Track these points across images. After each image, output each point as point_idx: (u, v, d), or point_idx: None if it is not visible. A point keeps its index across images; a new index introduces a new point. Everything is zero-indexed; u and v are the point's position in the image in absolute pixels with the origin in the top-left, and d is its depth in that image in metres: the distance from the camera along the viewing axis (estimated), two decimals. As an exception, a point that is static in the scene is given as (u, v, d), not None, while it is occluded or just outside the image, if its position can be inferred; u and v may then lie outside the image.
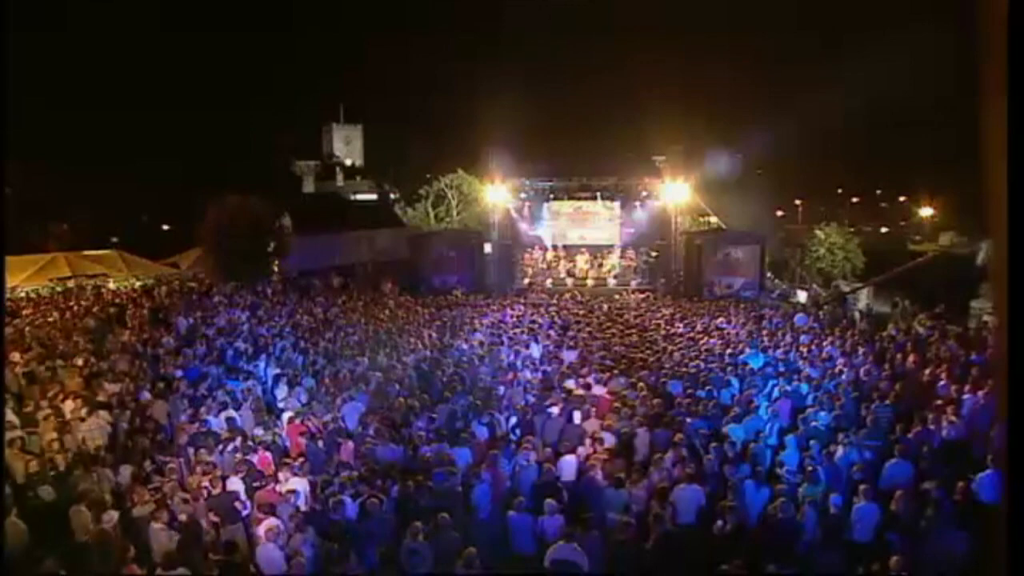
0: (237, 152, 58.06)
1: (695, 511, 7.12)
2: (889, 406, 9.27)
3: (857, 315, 17.90)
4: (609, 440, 8.67)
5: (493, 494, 7.47)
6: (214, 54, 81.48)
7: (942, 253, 31.28)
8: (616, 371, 11.76)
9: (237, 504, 7.17)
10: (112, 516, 6.74)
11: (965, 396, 9.18)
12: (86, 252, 26.00)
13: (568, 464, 8.17)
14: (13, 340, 13.35)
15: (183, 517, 6.82)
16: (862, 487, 6.92)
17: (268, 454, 8.46)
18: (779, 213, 56.73)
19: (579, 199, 27.22)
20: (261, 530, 6.52)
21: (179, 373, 11.59)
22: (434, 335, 15.21)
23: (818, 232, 30.59)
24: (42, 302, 19.30)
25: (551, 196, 27.04)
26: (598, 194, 26.66)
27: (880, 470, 7.57)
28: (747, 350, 13.30)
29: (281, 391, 11.21)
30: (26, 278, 22.34)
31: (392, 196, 44.69)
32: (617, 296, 22.68)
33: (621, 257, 26.53)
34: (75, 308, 17.79)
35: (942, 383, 10.05)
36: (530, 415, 9.74)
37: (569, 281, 25.15)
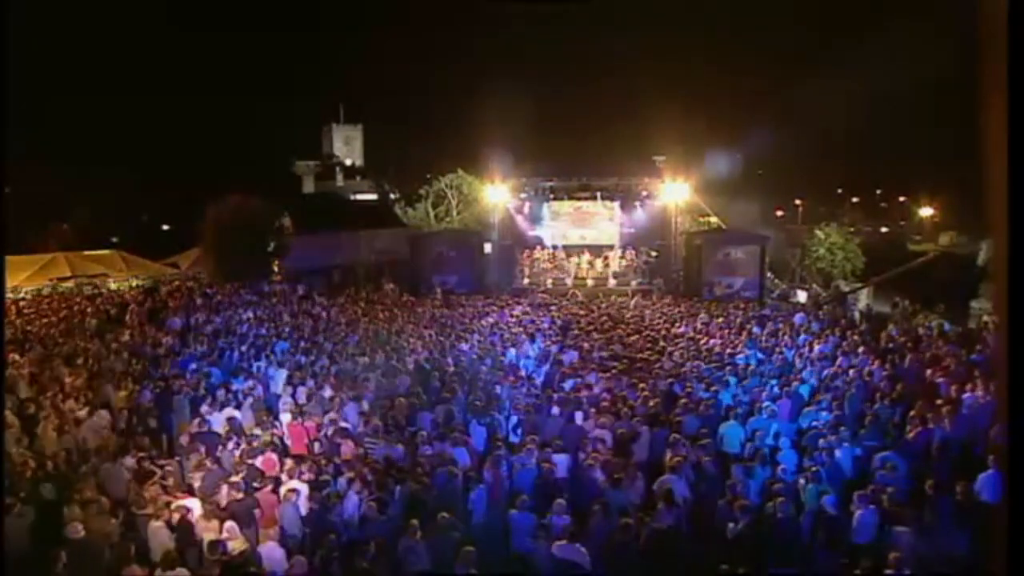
0: (237, 152, 58.02)
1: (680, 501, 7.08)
2: (889, 406, 9.27)
3: (857, 315, 17.90)
4: (609, 440, 8.67)
5: (493, 494, 7.46)
6: (214, 54, 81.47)
7: (942, 253, 31.28)
8: (616, 371, 11.76)
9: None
10: (112, 516, 6.73)
11: (965, 396, 9.18)
12: (86, 252, 25.97)
13: (567, 464, 8.16)
14: (13, 340, 13.35)
15: (183, 516, 6.81)
16: (860, 488, 6.91)
17: (270, 455, 8.45)
18: (779, 213, 56.73)
19: (579, 199, 27.27)
20: (262, 530, 6.52)
21: (179, 373, 11.58)
22: (434, 335, 15.22)
23: (818, 232, 30.53)
24: (42, 302, 19.31)
25: (551, 196, 27.08)
26: (598, 194, 26.69)
27: (880, 470, 7.56)
28: (747, 350, 13.31)
29: (282, 391, 11.20)
30: (26, 278, 22.33)
31: (392, 196, 44.58)
32: (617, 296, 22.68)
33: (621, 257, 26.52)
34: (75, 308, 17.80)
35: (942, 383, 10.04)
36: (531, 415, 9.73)
37: (569, 281, 25.13)
